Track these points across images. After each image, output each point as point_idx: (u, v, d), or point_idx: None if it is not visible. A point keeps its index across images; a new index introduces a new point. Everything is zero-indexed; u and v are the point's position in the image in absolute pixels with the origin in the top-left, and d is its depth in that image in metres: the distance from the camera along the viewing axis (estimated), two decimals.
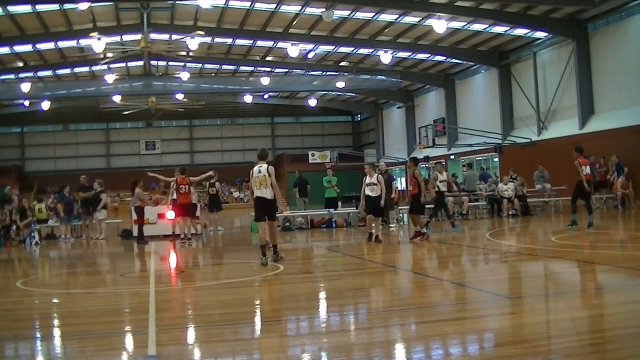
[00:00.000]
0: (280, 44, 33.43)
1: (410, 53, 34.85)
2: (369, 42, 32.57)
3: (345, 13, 28.72)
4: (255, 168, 10.91)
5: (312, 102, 46.92)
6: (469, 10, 26.94)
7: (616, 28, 25.56)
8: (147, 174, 19.93)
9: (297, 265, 11.75)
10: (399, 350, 5.28)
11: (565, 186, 23.65)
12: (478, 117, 34.95)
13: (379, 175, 14.50)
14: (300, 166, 30.92)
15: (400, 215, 21.06)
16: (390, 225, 18.60)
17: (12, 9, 26.71)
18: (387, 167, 21.78)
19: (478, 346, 5.33)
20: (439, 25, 26.60)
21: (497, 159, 33.54)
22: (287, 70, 39.78)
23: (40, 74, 37.52)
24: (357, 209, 21.25)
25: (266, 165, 10.86)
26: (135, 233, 18.86)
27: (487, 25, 29.57)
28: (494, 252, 12.07)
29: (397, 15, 28.93)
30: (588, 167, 14.38)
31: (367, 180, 14.19)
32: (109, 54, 30.13)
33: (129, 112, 40.72)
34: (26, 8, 26.92)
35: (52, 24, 29.16)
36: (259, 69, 39.18)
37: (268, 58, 37.32)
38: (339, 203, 22.09)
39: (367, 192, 14.13)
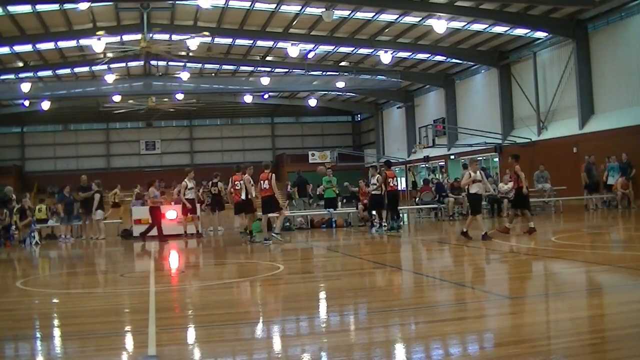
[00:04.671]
0: (280, 44, 33.44)
1: (410, 53, 34.85)
2: (369, 42, 32.57)
3: (345, 13, 28.72)
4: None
5: (312, 102, 46.92)
6: (469, 10, 26.94)
7: (616, 28, 25.56)
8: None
9: (297, 265, 11.75)
10: (399, 350, 5.28)
11: (565, 186, 23.70)
12: (478, 117, 34.95)
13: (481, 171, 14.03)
14: (300, 166, 30.91)
15: (401, 215, 21.04)
16: (384, 224, 18.62)
17: (12, 9, 26.71)
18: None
19: (478, 346, 5.33)
20: (439, 25, 26.60)
21: (497, 159, 33.55)
22: (287, 70, 39.78)
23: (40, 74, 37.52)
24: (356, 208, 21.29)
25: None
26: (135, 233, 18.88)
27: (487, 25, 29.57)
28: (494, 252, 12.06)
29: (397, 15, 28.93)
30: (395, 179, 16.21)
31: (474, 177, 13.42)
32: (109, 54, 30.13)
33: (127, 110, 40.69)
34: (26, 8, 26.92)
35: (52, 24, 29.16)
36: (259, 69, 39.18)
37: (268, 58, 37.32)
38: (339, 203, 22.09)
39: (474, 190, 13.43)
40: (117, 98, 38.55)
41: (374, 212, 17.92)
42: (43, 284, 10.73)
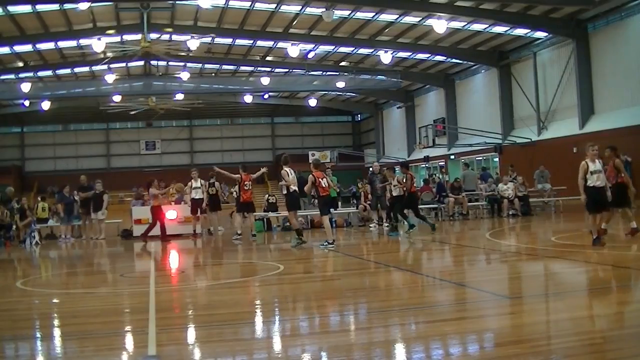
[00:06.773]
0: (280, 44, 33.45)
1: (410, 53, 34.85)
2: (369, 42, 32.57)
3: (345, 13, 28.73)
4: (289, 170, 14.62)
5: (312, 102, 46.93)
6: (469, 10, 26.95)
7: (616, 28, 25.56)
8: (214, 168, 18.54)
9: (297, 265, 11.75)
10: (399, 350, 5.28)
11: (565, 186, 23.68)
12: (478, 117, 34.96)
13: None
14: (300, 166, 30.79)
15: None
16: (370, 225, 18.64)
17: (12, 9, 26.72)
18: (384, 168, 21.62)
19: (478, 346, 5.33)
20: (439, 25, 26.61)
21: (497, 159, 33.56)
22: (287, 70, 39.79)
23: (40, 74, 37.54)
24: (356, 209, 21.29)
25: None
26: (135, 233, 18.86)
27: (487, 25, 29.58)
28: (494, 252, 12.07)
29: (397, 15, 28.94)
30: (325, 179, 14.29)
31: (592, 167, 11.06)
32: (109, 54, 30.15)
33: (127, 110, 40.71)
34: (26, 8, 26.93)
35: (52, 24, 29.16)
36: (259, 69, 39.19)
37: (268, 58, 37.33)
38: (339, 203, 22.08)
39: (592, 182, 10.98)
40: (117, 98, 38.56)
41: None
42: (43, 284, 10.73)
